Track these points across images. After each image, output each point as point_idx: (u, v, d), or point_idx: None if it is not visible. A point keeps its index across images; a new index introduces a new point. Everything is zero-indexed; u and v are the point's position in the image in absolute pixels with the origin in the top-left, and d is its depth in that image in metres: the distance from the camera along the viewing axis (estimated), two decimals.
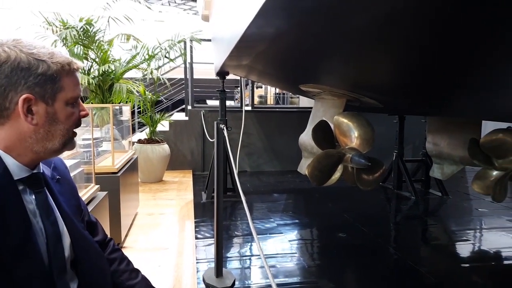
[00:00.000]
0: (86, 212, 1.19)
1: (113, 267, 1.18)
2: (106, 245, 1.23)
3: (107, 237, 1.25)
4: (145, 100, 5.99)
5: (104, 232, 1.25)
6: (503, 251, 3.46)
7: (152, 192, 5.29)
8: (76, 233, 1.02)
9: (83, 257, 1.01)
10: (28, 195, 0.93)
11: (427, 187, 5.74)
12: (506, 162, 2.98)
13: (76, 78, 1.00)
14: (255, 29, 2.14)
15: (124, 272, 1.20)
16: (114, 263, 1.20)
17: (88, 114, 1.05)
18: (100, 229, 1.25)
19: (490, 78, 1.82)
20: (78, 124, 1.01)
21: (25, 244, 0.86)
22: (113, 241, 1.27)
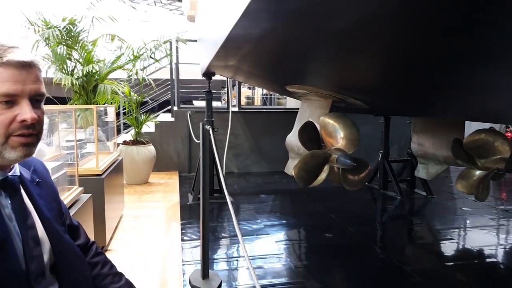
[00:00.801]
0: (67, 215, 1.16)
1: (95, 271, 1.16)
2: (88, 248, 1.20)
3: (90, 241, 1.23)
4: (130, 101, 5.92)
5: (86, 235, 1.23)
6: (486, 249, 3.52)
7: (137, 194, 5.24)
8: (56, 237, 0.99)
9: (63, 261, 0.99)
10: (4, 198, 0.90)
11: (413, 187, 5.81)
12: (488, 162, 3.04)
13: (10, 71, 0.84)
14: (240, 30, 2.13)
15: (107, 276, 1.18)
16: (97, 266, 1.18)
17: (27, 121, 0.85)
18: (82, 232, 1.22)
19: (471, 80, 1.85)
20: (21, 129, 0.86)
21: (1, 248, 0.84)
22: (95, 244, 1.24)
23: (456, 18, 1.24)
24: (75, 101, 5.27)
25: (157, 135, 6.68)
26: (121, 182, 4.07)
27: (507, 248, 3.62)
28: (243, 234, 3.77)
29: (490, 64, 1.59)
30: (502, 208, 4.90)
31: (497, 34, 1.28)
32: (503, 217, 4.53)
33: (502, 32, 1.25)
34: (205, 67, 4.25)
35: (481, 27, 1.26)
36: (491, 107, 2.41)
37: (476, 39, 1.38)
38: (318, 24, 1.69)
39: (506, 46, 1.35)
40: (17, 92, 0.84)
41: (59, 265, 0.98)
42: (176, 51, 6.65)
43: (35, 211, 0.97)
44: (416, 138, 4.27)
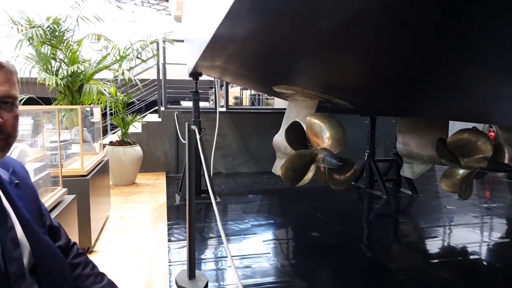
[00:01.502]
0: (47, 216, 1.15)
1: (77, 272, 1.15)
2: (69, 249, 1.20)
3: (71, 242, 1.22)
4: (116, 102, 5.87)
5: (67, 236, 1.22)
6: (469, 246, 3.58)
7: (124, 195, 5.20)
8: (36, 238, 0.98)
9: (43, 263, 0.98)
10: None
11: (398, 186, 5.88)
12: (471, 161, 3.09)
13: None
14: (225, 30, 2.13)
15: (89, 277, 1.17)
16: (78, 267, 1.17)
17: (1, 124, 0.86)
18: (63, 233, 1.21)
19: (454, 80, 1.88)
20: None
21: None
22: (76, 245, 1.23)
23: (438, 20, 1.26)
24: (60, 101, 5.21)
25: (144, 136, 6.64)
26: (107, 183, 4.03)
27: (490, 245, 3.69)
28: (231, 234, 3.77)
29: (472, 66, 1.62)
30: (485, 206, 4.99)
31: (479, 36, 1.31)
32: (486, 215, 4.62)
33: (483, 34, 1.27)
34: (191, 68, 4.24)
35: (463, 29, 1.28)
36: (474, 107, 2.45)
37: (458, 41, 1.41)
38: (302, 25, 1.71)
39: (487, 48, 1.38)
40: None
41: (39, 266, 0.97)
42: (163, 51, 6.61)
43: (14, 213, 0.96)
44: (402, 138, 4.32)
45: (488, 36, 1.28)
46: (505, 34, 1.21)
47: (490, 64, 1.54)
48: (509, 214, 4.68)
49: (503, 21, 1.12)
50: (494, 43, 1.31)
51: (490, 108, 2.40)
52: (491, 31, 1.24)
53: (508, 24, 1.14)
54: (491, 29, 1.22)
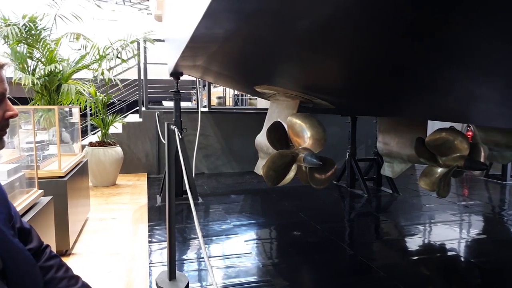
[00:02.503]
0: (17, 218, 1.12)
1: (49, 275, 1.13)
2: (41, 252, 1.17)
3: (43, 244, 1.19)
4: (96, 102, 5.78)
5: (39, 239, 1.19)
6: (447, 243, 3.65)
7: (104, 196, 5.12)
8: (4, 241, 0.96)
9: (12, 266, 0.96)
10: None
11: (379, 185, 5.96)
12: (449, 160, 3.15)
13: None
14: (204, 30, 2.12)
15: (62, 280, 1.15)
16: (51, 270, 1.14)
17: (17, 115, 0.98)
18: (35, 235, 1.18)
19: (431, 81, 1.91)
20: (3, 125, 0.96)
21: None
22: (49, 248, 1.20)
23: (415, 21, 1.27)
24: (37, 101, 5.09)
25: (124, 136, 6.56)
26: (86, 184, 3.96)
27: (467, 242, 3.77)
28: (213, 235, 3.76)
29: (447, 67, 1.65)
30: (463, 204, 5.10)
31: (455, 37, 1.33)
32: (464, 212, 4.72)
33: (460, 35, 1.30)
34: (172, 67, 4.21)
35: (439, 30, 1.30)
36: (451, 107, 2.49)
37: (433, 42, 1.43)
38: (279, 25, 1.71)
39: (461, 49, 1.40)
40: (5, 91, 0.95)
41: (8, 270, 0.95)
42: (144, 51, 6.54)
43: None
44: (382, 137, 4.38)
45: (462, 38, 1.31)
46: (478, 36, 1.24)
47: (465, 65, 1.57)
48: (486, 211, 4.79)
49: (476, 23, 1.15)
50: (468, 45, 1.34)
51: (466, 108, 2.45)
52: (466, 33, 1.26)
53: (480, 26, 1.17)
54: (465, 31, 1.25)
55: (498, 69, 1.47)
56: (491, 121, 2.87)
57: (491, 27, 1.15)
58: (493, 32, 1.18)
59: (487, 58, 1.39)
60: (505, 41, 1.19)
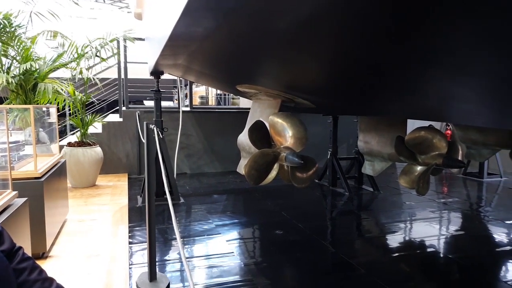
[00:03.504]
0: None
1: (22, 277, 1.09)
2: (14, 254, 1.13)
3: (16, 246, 1.15)
4: (75, 101, 5.66)
5: (11, 241, 1.15)
6: (427, 240, 3.71)
7: (83, 197, 5.02)
8: None
9: None
10: None
11: (360, 183, 6.02)
12: (428, 158, 3.20)
13: None
14: (184, 28, 2.10)
15: (36, 282, 1.12)
16: (24, 273, 1.11)
17: None
18: (7, 237, 1.14)
19: (409, 81, 1.93)
20: None
21: None
22: (22, 249, 1.17)
23: (392, 22, 1.28)
24: (12, 100, 4.95)
25: (104, 136, 6.45)
26: (64, 185, 3.87)
27: (446, 238, 3.84)
28: (195, 235, 3.73)
29: (426, 67, 1.67)
30: (442, 201, 5.20)
31: (431, 38, 1.34)
32: (443, 209, 4.81)
33: (436, 36, 1.31)
34: (152, 66, 4.16)
35: (416, 31, 1.31)
36: (429, 106, 2.53)
37: (412, 42, 1.44)
38: (258, 24, 1.70)
39: (438, 49, 1.42)
40: None
41: None
42: (124, 49, 6.45)
43: None
44: (362, 136, 4.43)
45: (439, 38, 1.32)
46: (454, 37, 1.26)
47: (441, 65, 1.59)
48: (464, 208, 4.90)
49: (453, 24, 1.16)
50: (444, 45, 1.36)
51: (444, 107, 2.49)
52: (442, 33, 1.28)
53: (457, 27, 1.18)
54: (442, 31, 1.26)
55: (474, 69, 1.50)
56: (468, 120, 2.92)
57: (467, 28, 1.17)
58: (469, 33, 1.19)
59: (463, 58, 1.41)
60: (479, 41, 1.21)
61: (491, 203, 5.26)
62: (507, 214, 4.57)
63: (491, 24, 1.07)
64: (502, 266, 3.23)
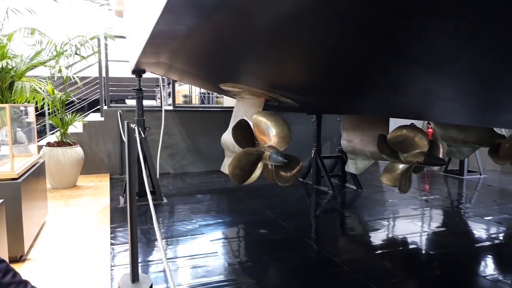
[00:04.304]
0: None
1: None
2: None
3: None
4: (54, 100, 5.53)
5: None
6: (409, 237, 3.76)
7: (64, 198, 4.91)
8: None
9: None
10: None
11: (344, 181, 6.07)
12: (409, 156, 3.24)
13: None
14: (165, 26, 2.06)
15: (9, 285, 1.09)
16: None
17: None
18: None
19: (390, 80, 1.94)
20: None
21: None
22: None
23: (374, 22, 1.28)
24: None
25: (85, 136, 6.33)
26: (43, 186, 3.78)
27: (427, 235, 3.90)
28: (178, 235, 3.69)
29: (405, 66, 1.68)
30: (424, 198, 5.28)
31: (411, 37, 1.35)
32: (425, 207, 4.88)
33: (416, 37, 1.32)
34: (134, 65, 4.09)
35: (396, 30, 1.32)
36: (411, 104, 2.56)
37: (391, 43, 1.45)
38: (239, 22, 1.68)
39: (417, 49, 1.43)
40: None
41: None
42: (104, 47, 6.34)
43: None
44: (346, 135, 4.46)
45: (418, 38, 1.33)
46: (433, 36, 1.26)
47: (421, 64, 1.61)
48: (445, 205, 4.98)
49: (431, 24, 1.17)
50: (423, 45, 1.37)
51: (424, 106, 2.52)
52: (421, 33, 1.28)
53: (435, 27, 1.19)
54: (421, 31, 1.27)
55: (452, 68, 1.51)
56: (448, 118, 2.97)
57: (445, 28, 1.17)
58: (447, 34, 1.20)
59: (442, 57, 1.43)
60: (458, 41, 1.22)
61: (471, 200, 5.37)
62: (486, 210, 4.67)
63: (469, 24, 1.08)
64: (481, 261, 3.29)
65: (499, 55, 1.25)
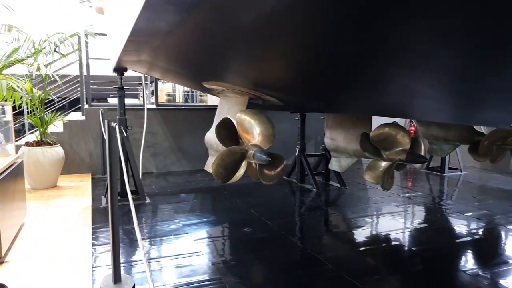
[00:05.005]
0: None
1: None
2: None
3: None
4: (32, 99, 5.39)
5: None
6: (392, 233, 3.80)
7: (44, 199, 4.80)
8: None
9: None
10: None
11: (328, 179, 6.10)
12: (392, 154, 3.27)
13: None
14: (145, 23, 2.03)
15: None
16: None
17: None
18: None
19: (373, 78, 1.95)
20: None
21: None
22: None
23: (355, 22, 1.28)
24: None
25: (66, 135, 6.20)
26: (21, 187, 3.69)
27: (410, 231, 3.95)
28: (161, 235, 3.65)
29: (386, 65, 1.69)
30: (406, 195, 5.35)
31: (391, 38, 1.35)
32: (407, 203, 4.95)
33: (395, 36, 1.32)
34: (115, 63, 4.03)
35: (377, 32, 1.32)
36: (392, 103, 2.58)
37: (372, 43, 1.45)
38: (223, 19, 1.67)
39: (398, 49, 1.44)
40: None
41: None
42: (85, 45, 6.22)
43: None
44: (329, 133, 4.48)
45: (399, 39, 1.34)
46: (413, 37, 1.27)
47: (402, 63, 1.62)
48: (427, 202, 5.06)
49: (411, 24, 1.17)
50: (404, 45, 1.37)
51: (406, 104, 2.55)
52: (402, 34, 1.29)
53: (415, 28, 1.20)
54: (401, 32, 1.28)
55: (432, 67, 1.53)
56: (429, 116, 3.01)
57: (425, 28, 1.18)
58: (427, 33, 1.21)
59: (422, 57, 1.44)
60: (438, 41, 1.23)
61: (451, 197, 5.47)
62: (466, 206, 4.76)
63: (447, 24, 1.09)
64: (462, 256, 3.35)
65: (477, 54, 1.26)
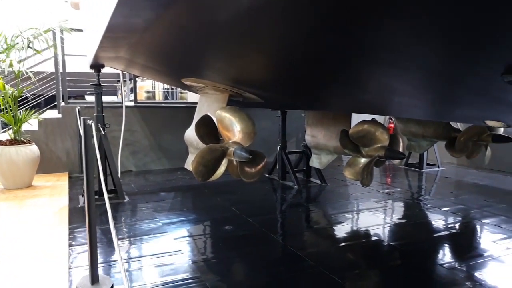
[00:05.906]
0: None
1: None
2: None
3: None
4: (5, 96, 5.22)
5: None
6: (371, 229, 3.85)
7: (18, 199, 4.66)
8: None
9: None
10: None
11: (308, 176, 6.14)
12: (371, 150, 3.31)
13: None
14: (121, 19, 1.98)
15: None
16: None
17: None
18: None
19: (354, 76, 1.96)
20: None
21: None
22: None
23: (333, 19, 1.28)
24: None
25: (41, 134, 6.04)
26: None
27: (389, 226, 4.01)
28: (140, 234, 3.59)
29: (365, 63, 1.70)
30: (386, 191, 5.43)
31: (370, 36, 1.36)
32: (387, 199, 5.02)
33: (374, 35, 1.33)
34: (92, 59, 3.93)
35: (356, 28, 1.32)
36: (371, 100, 2.60)
37: (351, 41, 1.45)
38: (199, 15, 1.64)
39: (377, 47, 1.44)
40: None
41: None
42: (60, 41, 6.06)
43: None
44: (310, 130, 4.50)
45: (378, 37, 1.34)
46: (393, 36, 1.28)
47: (379, 61, 1.63)
48: (405, 197, 5.15)
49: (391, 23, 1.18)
50: (383, 43, 1.38)
51: (384, 101, 2.58)
52: (381, 32, 1.29)
53: (394, 27, 1.20)
54: (380, 30, 1.28)
55: (408, 65, 1.54)
56: (407, 113, 3.05)
57: (402, 27, 1.19)
58: (404, 31, 1.22)
59: (399, 54, 1.45)
60: (415, 39, 1.24)
61: (429, 192, 5.58)
62: (443, 202, 4.87)
63: (423, 22, 1.10)
64: (440, 250, 3.42)
65: (451, 52, 1.28)
